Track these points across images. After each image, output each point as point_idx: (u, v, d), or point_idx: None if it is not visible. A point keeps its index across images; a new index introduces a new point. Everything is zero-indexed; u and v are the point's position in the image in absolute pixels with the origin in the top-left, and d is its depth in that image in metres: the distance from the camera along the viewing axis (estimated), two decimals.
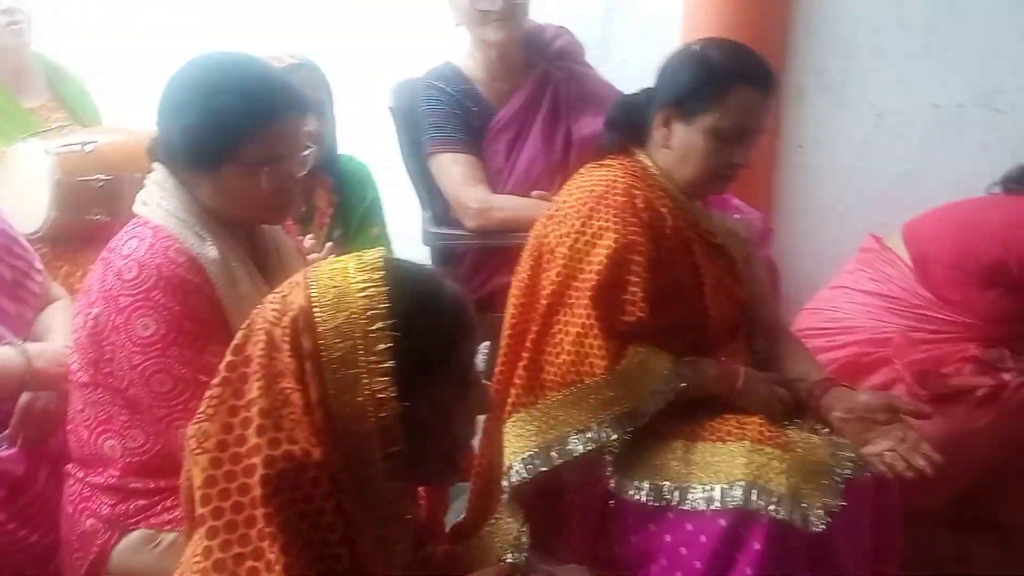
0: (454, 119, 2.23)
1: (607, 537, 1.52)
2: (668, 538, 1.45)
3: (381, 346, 0.94)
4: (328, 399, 0.95)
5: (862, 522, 1.50)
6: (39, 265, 1.77)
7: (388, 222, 2.29)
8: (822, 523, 1.38)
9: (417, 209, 2.39)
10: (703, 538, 1.41)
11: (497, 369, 1.62)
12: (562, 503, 1.55)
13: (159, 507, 1.43)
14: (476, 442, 1.54)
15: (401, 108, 2.35)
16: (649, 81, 1.68)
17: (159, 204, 1.43)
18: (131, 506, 1.43)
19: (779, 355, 1.75)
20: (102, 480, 1.45)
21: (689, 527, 1.43)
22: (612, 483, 1.51)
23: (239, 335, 1.02)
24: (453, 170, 2.21)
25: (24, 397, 1.59)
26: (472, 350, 1.07)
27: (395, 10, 3.05)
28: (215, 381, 1.00)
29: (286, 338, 0.96)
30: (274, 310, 0.99)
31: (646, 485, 1.48)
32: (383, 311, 0.95)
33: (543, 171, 2.20)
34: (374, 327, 0.95)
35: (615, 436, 1.48)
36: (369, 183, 2.26)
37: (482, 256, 2.24)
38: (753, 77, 1.57)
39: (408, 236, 2.45)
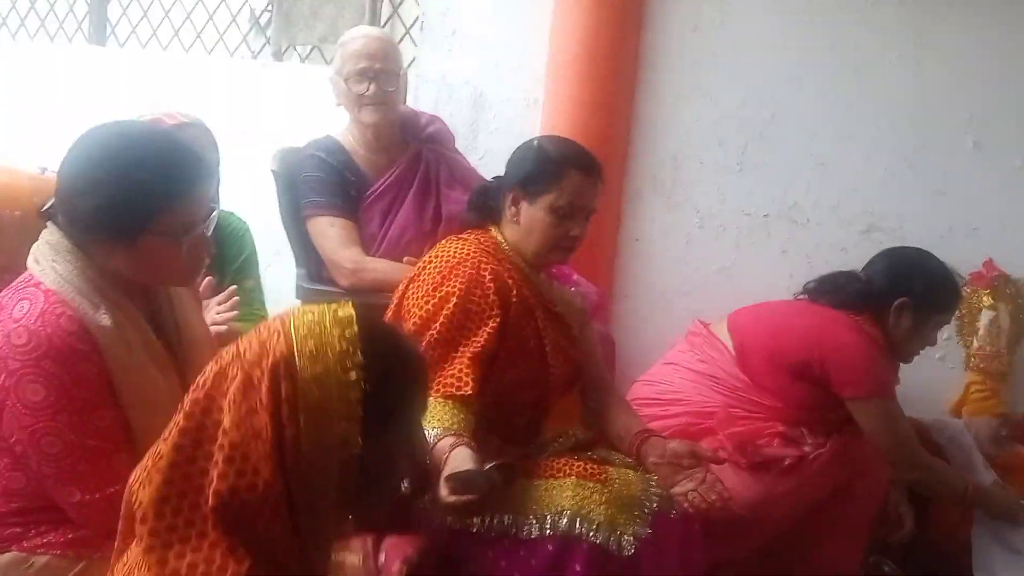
0: (333, 186, 2.37)
1: (450, 565, 1.65)
2: (503, 563, 1.62)
3: (354, 395, 1.03)
4: (299, 439, 1.03)
5: (669, 553, 1.72)
6: None
7: (263, 275, 2.37)
8: (631, 548, 1.61)
9: (291, 265, 2.50)
10: (533, 561, 1.60)
11: None
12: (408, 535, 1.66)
13: (32, 531, 1.43)
14: None
15: (283, 172, 2.47)
16: None
17: (53, 267, 1.41)
18: (6, 532, 1.43)
19: (607, 410, 2.01)
20: None
21: (521, 552, 1.61)
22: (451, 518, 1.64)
23: (209, 373, 1.08)
24: (330, 232, 2.35)
25: None
26: (424, 402, 1.17)
27: (283, 88, 3.23)
28: (183, 411, 1.07)
29: (266, 381, 1.03)
30: (252, 352, 1.06)
31: (490, 518, 1.64)
32: (357, 364, 1.04)
33: (413, 238, 2.37)
34: (349, 378, 1.03)
35: None
36: (246, 239, 2.35)
37: None
38: (582, 164, 1.88)
39: (279, 290, 2.56)
